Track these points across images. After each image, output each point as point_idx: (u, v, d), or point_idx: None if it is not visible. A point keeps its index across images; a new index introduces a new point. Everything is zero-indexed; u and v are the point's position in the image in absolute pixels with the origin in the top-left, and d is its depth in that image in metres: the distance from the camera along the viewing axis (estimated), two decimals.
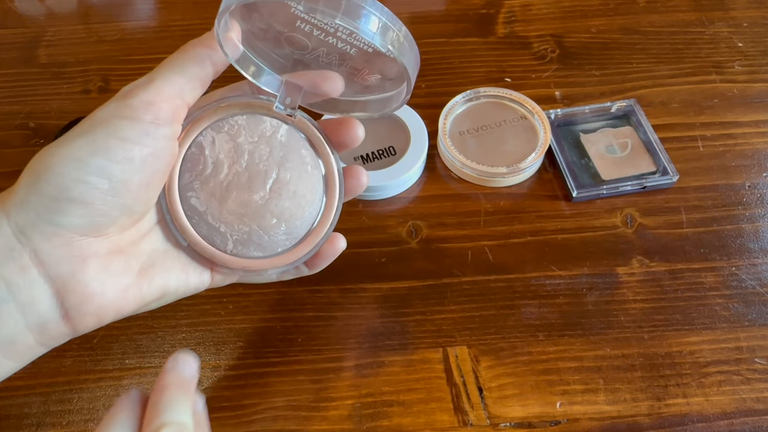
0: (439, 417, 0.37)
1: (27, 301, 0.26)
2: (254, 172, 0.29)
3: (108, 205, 0.27)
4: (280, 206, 0.29)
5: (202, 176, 0.29)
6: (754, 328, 0.39)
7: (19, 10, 0.61)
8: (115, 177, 0.26)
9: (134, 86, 0.28)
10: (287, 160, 0.29)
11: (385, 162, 0.46)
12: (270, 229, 0.29)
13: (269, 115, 0.29)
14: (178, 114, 0.28)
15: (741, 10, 0.57)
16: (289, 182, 0.29)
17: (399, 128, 0.48)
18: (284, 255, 0.30)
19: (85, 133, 0.27)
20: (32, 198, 0.26)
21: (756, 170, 0.47)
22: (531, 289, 0.41)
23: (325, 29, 0.27)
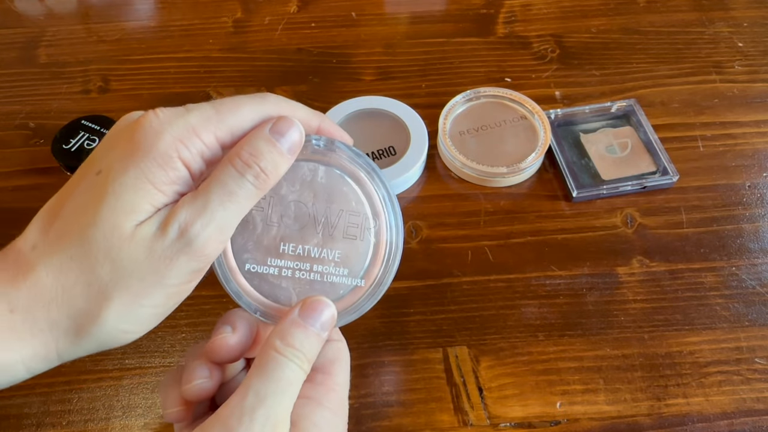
0: (439, 417, 0.37)
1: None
2: (303, 221, 0.28)
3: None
4: (335, 249, 0.29)
5: (254, 237, 0.28)
6: (754, 328, 0.39)
7: (19, 10, 0.61)
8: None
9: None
10: (332, 201, 0.29)
11: (385, 162, 0.46)
12: (330, 274, 0.29)
13: (305, 159, 0.29)
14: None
15: (741, 10, 0.57)
16: (339, 223, 0.29)
17: (399, 128, 0.48)
18: (348, 296, 0.29)
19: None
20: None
21: (756, 170, 0.47)
22: (531, 289, 0.41)
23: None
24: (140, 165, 0.24)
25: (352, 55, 0.55)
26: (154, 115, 0.25)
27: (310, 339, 0.26)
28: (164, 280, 0.24)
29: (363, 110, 0.49)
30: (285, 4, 0.60)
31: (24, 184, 0.48)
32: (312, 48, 0.56)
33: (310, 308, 0.26)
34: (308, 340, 0.26)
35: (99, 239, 0.24)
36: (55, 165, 0.47)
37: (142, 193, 0.24)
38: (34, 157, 0.49)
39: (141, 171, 0.24)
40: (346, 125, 0.48)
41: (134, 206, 0.24)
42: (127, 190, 0.24)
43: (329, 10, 0.59)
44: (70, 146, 0.46)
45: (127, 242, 0.24)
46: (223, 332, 0.28)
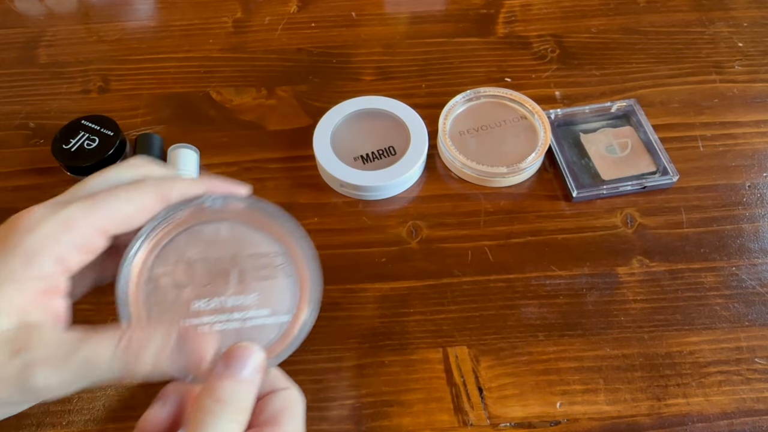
0: (439, 417, 0.37)
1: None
2: (214, 276, 0.29)
3: None
4: (251, 293, 0.29)
5: (166, 303, 0.28)
6: (754, 328, 0.39)
7: (19, 10, 0.61)
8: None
9: None
10: (240, 251, 0.29)
11: (385, 162, 0.46)
12: (252, 318, 0.28)
13: (205, 222, 0.29)
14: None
15: (741, 10, 0.57)
16: (249, 268, 0.29)
17: (399, 128, 0.48)
18: (283, 335, 0.29)
19: None
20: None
21: (756, 170, 0.47)
22: (531, 289, 0.41)
23: None
24: (5, 264, 0.25)
25: (352, 55, 0.55)
26: (28, 214, 0.26)
27: (240, 387, 0.25)
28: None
29: (363, 110, 0.49)
30: (285, 4, 0.60)
31: (24, 184, 0.48)
32: (312, 48, 0.56)
33: (233, 356, 0.26)
34: (237, 389, 0.25)
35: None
36: (56, 165, 0.47)
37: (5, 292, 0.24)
38: (34, 157, 0.49)
39: (5, 270, 0.25)
40: (346, 125, 0.48)
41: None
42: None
43: (329, 10, 0.59)
44: (70, 146, 0.46)
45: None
46: (153, 406, 0.27)
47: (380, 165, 0.46)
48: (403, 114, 0.48)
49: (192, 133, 0.50)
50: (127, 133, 0.50)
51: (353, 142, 0.47)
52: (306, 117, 0.51)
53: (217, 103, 0.52)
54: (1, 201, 0.47)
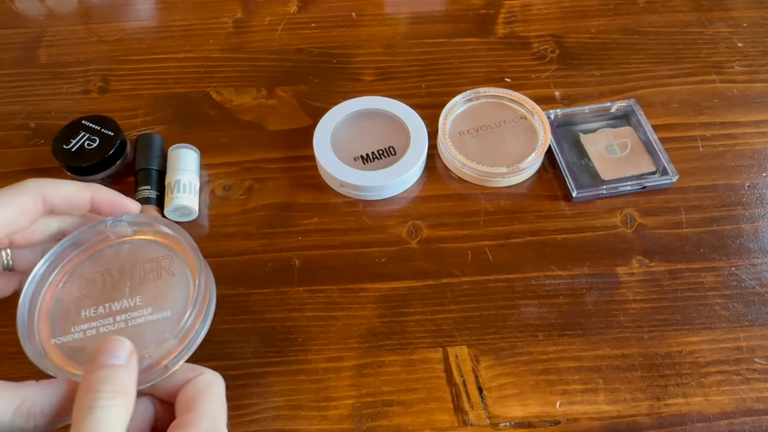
0: (439, 417, 0.37)
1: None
2: (109, 285, 0.32)
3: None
4: (137, 296, 0.31)
5: (60, 313, 0.30)
6: (754, 328, 0.39)
7: (19, 10, 0.61)
8: None
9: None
10: (135, 261, 0.32)
11: (385, 162, 0.46)
12: (135, 318, 0.31)
13: (105, 248, 0.33)
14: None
15: (741, 10, 0.57)
16: (139, 274, 0.32)
17: (399, 128, 0.48)
18: (180, 337, 0.30)
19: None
20: None
21: (756, 170, 0.47)
22: (531, 289, 0.41)
23: None
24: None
25: (352, 55, 0.55)
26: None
27: (111, 372, 0.26)
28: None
29: (363, 110, 0.49)
30: (285, 4, 0.60)
31: None
32: (312, 48, 0.56)
33: (101, 350, 0.27)
34: (109, 374, 0.26)
35: None
36: (56, 165, 0.47)
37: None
38: (34, 157, 0.49)
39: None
40: (346, 125, 0.48)
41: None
42: None
43: (329, 10, 0.59)
44: (70, 146, 0.46)
45: None
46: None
47: (380, 165, 0.46)
48: (403, 114, 0.48)
49: (192, 133, 0.50)
50: (128, 133, 0.50)
51: (353, 142, 0.47)
52: (306, 117, 0.51)
53: (218, 103, 0.52)
54: None
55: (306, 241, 0.44)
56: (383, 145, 0.47)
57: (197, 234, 0.45)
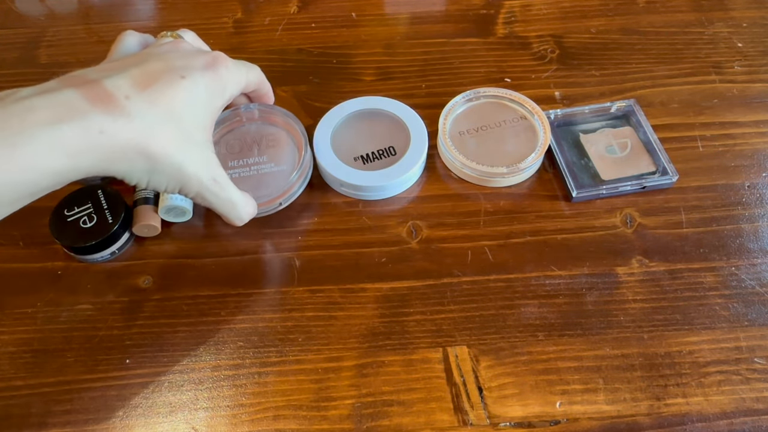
0: (439, 417, 0.37)
1: None
2: (245, 149, 0.47)
3: None
4: (264, 156, 0.46)
5: (223, 166, 0.40)
6: (754, 328, 0.39)
7: (20, 10, 0.61)
8: None
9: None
10: (262, 136, 0.47)
11: (385, 162, 0.46)
12: (262, 168, 0.46)
13: (243, 124, 0.48)
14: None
15: (741, 10, 0.57)
16: (266, 143, 0.47)
17: (399, 128, 0.48)
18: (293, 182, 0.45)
19: None
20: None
21: (755, 170, 0.47)
22: (531, 289, 0.41)
23: None
24: (217, 97, 0.37)
25: (352, 55, 0.55)
26: (224, 60, 0.38)
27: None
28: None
29: (363, 110, 0.49)
30: (285, 4, 0.60)
31: None
32: (312, 48, 0.56)
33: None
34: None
35: (185, 128, 0.35)
36: None
37: (208, 118, 0.37)
38: None
39: (216, 101, 0.37)
40: (346, 125, 0.48)
41: (208, 125, 0.37)
42: (201, 111, 0.36)
43: (329, 10, 0.59)
44: None
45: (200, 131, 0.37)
46: None
47: (380, 165, 0.46)
48: (403, 114, 0.48)
49: None
50: None
51: (353, 142, 0.48)
52: (306, 117, 0.51)
53: None
54: None
55: (306, 241, 0.44)
56: (383, 145, 0.47)
57: (197, 234, 0.45)
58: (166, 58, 0.36)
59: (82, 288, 0.42)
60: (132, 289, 0.42)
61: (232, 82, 0.38)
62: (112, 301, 0.42)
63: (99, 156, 0.31)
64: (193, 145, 0.35)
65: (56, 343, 0.40)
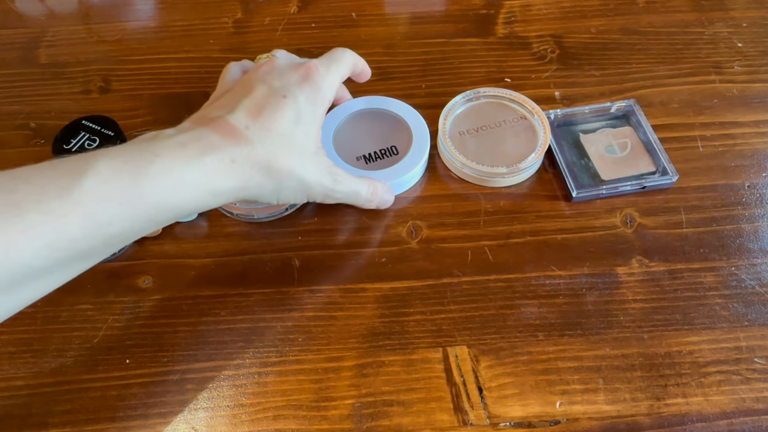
0: (439, 417, 0.37)
1: None
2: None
3: None
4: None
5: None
6: (754, 328, 0.39)
7: (20, 10, 0.61)
8: None
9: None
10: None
11: (387, 162, 0.46)
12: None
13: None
14: None
15: (740, 10, 0.57)
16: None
17: (401, 128, 0.48)
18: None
19: None
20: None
21: (755, 170, 0.47)
22: (531, 289, 0.41)
23: None
24: (318, 105, 0.39)
25: None
26: (316, 68, 0.40)
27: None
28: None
29: (364, 110, 0.49)
30: (285, 4, 0.60)
31: None
32: (312, 48, 0.56)
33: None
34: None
35: (297, 142, 0.38)
36: None
37: (314, 126, 0.39)
38: (34, 158, 0.49)
39: (318, 109, 0.39)
40: (349, 125, 0.48)
41: (315, 133, 0.40)
42: (307, 122, 0.39)
43: (329, 10, 0.59)
44: (70, 146, 0.46)
45: (312, 146, 0.39)
46: None
47: (382, 165, 0.46)
48: (405, 113, 0.48)
49: None
50: (128, 133, 0.50)
51: (356, 141, 0.48)
52: None
53: None
54: None
55: (306, 241, 0.44)
56: (385, 145, 0.47)
57: (198, 234, 0.45)
58: (267, 80, 0.39)
59: (82, 288, 0.42)
60: (132, 289, 0.42)
61: (327, 86, 0.40)
62: (112, 301, 0.42)
63: (235, 182, 0.35)
64: (308, 156, 0.38)
65: (56, 343, 0.40)
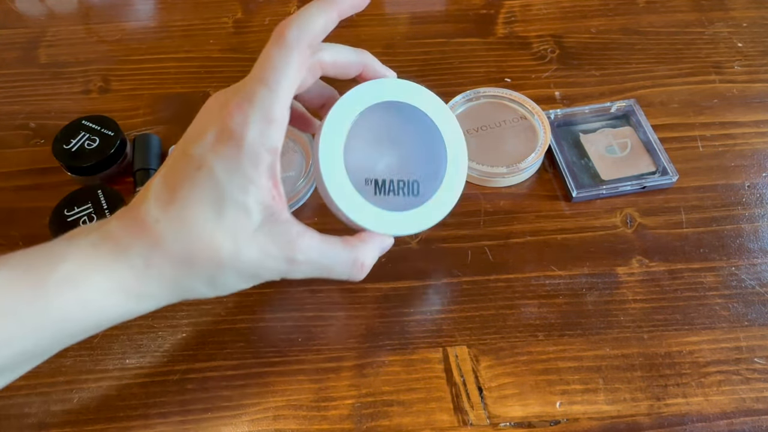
0: (439, 417, 0.37)
1: None
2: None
3: None
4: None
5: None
6: (754, 328, 0.39)
7: (20, 10, 0.61)
8: None
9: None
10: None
11: (402, 201, 0.43)
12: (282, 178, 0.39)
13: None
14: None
15: (741, 10, 0.57)
16: (286, 151, 0.46)
17: (432, 146, 0.43)
18: None
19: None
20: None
21: (755, 170, 0.47)
22: (531, 289, 0.41)
23: None
24: (247, 167, 0.29)
25: None
26: (236, 111, 0.29)
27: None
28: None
29: (394, 102, 0.47)
30: (285, 4, 0.60)
31: (24, 184, 0.48)
32: None
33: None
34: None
35: (225, 224, 0.29)
36: (56, 165, 0.47)
37: (250, 195, 0.29)
38: (34, 158, 0.49)
39: (249, 172, 0.29)
40: (369, 120, 0.36)
41: (256, 200, 0.29)
42: (235, 194, 0.29)
43: None
44: (70, 146, 0.46)
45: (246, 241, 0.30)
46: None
47: (394, 204, 0.35)
48: (442, 121, 0.36)
49: None
50: (128, 133, 0.50)
51: (371, 151, 0.36)
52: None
53: None
54: (2, 201, 0.47)
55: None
56: (405, 176, 0.36)
57: None
58: (187, 139, 0.30)
59: None
60: None
61: (253, 138, 0.28)
62: None
63: (157, 287, 0.29)
64: (245, 236, 0.29)
65: None
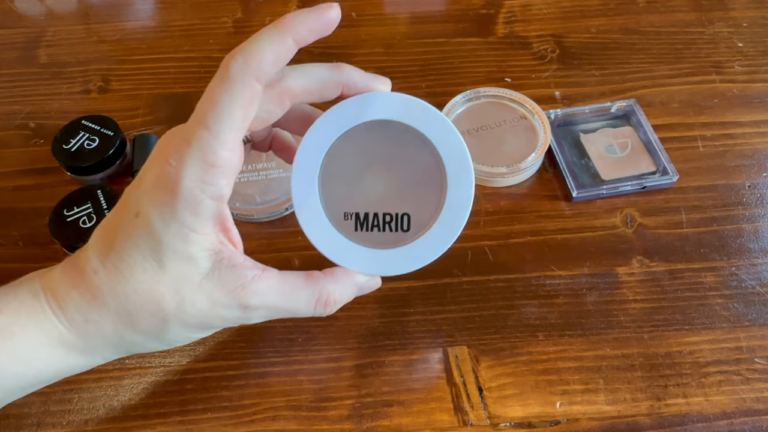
0: (439, 417, 0.37)
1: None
2: (257, 155, 0.46)
3: None
4: (278, 163, 0.46)
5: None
6: (754, 328, 0.39)
7: (19, 10, 0.61)
8: None
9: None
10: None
11: (387, 237, 0.45)
12: (281, 179, 0.46)
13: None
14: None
15: (741, 10, 0.57)
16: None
17: (426, 166, 0.45)
18: None
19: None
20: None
21: (756, 170, 0.47)
22: (531, 289, 0.41)
23: None
24: (185, 215, 0.26)
25: (352, 55, 0.55)
26: (174, 154, 0.26)
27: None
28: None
29: (380, 121, 0.48)
30: (285, 4, 0.60)
31: (24, 184, 0.48)
32: (312, 48, 0.56)
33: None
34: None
35: (168, 275, 0.27)
36: (56, 165, 0.47)
37: (191, 244, 0.26)
38: (34, 158, 0.49)
39: (187, 218, 0.26)
40: (346, 145, 0.33)
41: (201, 248, 0.27)
42: (173, 244, 0.26)
43: None
44: (70, 146, 0.46)
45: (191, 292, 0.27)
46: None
47: (379, 240, 0.31)
48: (439, 137, 0.32)
49: None
50: (128, 133, 0.50)
51: (350, 181, 0.31)
52: None
53: None
54: (2, 201, 0.47)
55: (306, 241, 0.44)
56: (393, 209, 0.31)
57: None
58: (132, 184, 0.28)
59: None
60: None
61: (188, 182, 0.26)
62: None
63: (100, 342, 0.28)
64: (191, 286, 0.27)
65: None
